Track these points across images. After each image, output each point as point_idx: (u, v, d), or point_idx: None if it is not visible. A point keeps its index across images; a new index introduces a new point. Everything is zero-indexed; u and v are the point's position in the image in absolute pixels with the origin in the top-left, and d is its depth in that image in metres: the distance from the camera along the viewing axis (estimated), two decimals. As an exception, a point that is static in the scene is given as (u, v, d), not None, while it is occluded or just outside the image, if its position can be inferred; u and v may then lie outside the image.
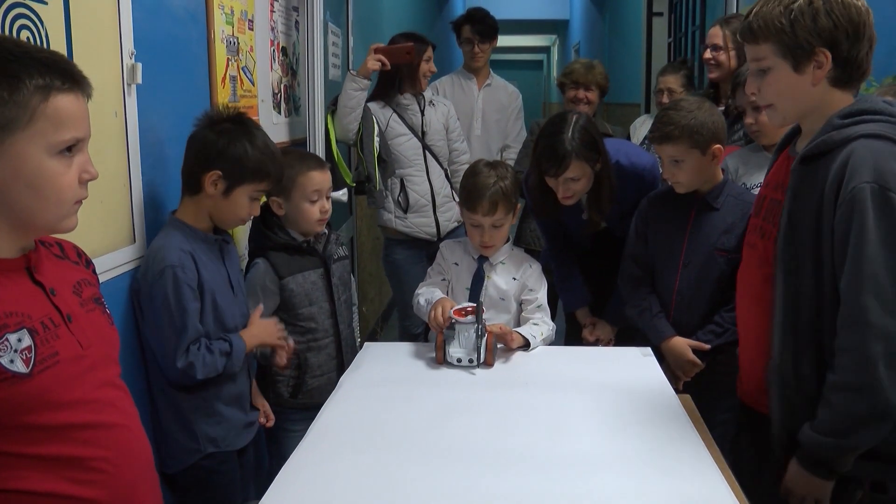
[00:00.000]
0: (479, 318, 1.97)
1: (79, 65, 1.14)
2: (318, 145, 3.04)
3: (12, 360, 1.05)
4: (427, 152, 3.25)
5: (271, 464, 2.08)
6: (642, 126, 3.60)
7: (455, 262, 2.33)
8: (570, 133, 2.23)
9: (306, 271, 2.17)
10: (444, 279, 2.31)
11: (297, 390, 2.18)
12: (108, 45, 1.65)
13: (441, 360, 2.01)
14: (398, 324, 3.73)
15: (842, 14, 1.42)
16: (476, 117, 3.91)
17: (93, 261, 1.36)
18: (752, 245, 1.71)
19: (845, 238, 1.37)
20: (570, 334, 3.08)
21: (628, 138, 3.58)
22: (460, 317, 2.02)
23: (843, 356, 1.38)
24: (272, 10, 2.70)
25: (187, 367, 1.71)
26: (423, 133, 3.25)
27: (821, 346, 1.45)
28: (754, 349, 1.69)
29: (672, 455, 1.51)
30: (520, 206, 2.37)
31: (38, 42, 1.38)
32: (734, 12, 3.40)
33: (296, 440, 2.12)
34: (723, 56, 2.88)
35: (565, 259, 2.68)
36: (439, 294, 2.21)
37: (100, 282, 1.38)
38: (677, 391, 1.93)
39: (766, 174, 1.74)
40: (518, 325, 2.26)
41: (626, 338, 2.50)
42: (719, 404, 2.04)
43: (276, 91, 2.75)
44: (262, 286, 2.10)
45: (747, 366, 1.75)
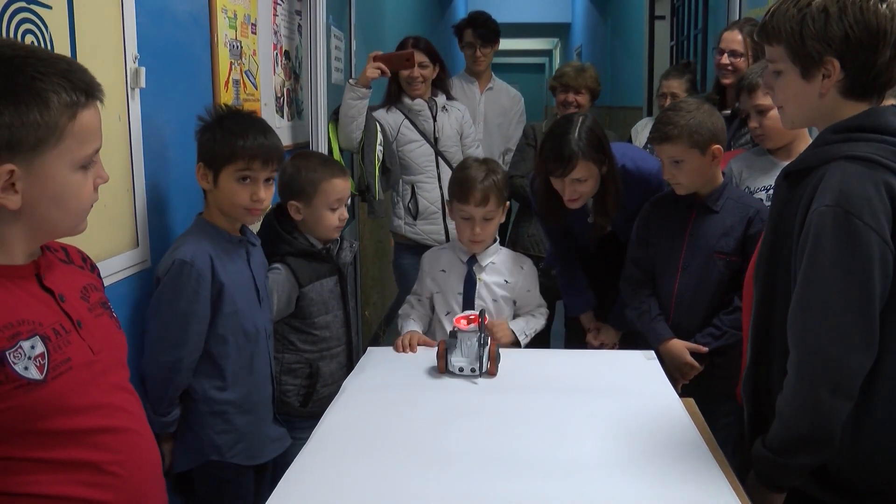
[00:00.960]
0: (481, 327, 1.95)
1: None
2: (321, 149, 3.05)
3: (27, 368, 1.06)
4: (440, 158, 3.22)
5: (277, 473, 2.07)
6: (644, 130, 3.59)
7: (442, 270, 2.35)
8: (576, 133, 2.23)
9: (324, 279, 2.15)
10: (426, 298, 2.37)
11: (308, 399, 2.16)
12: (112, 48, 1.65)
13: (443, 370, 1.97)
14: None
15: (857, 21, 1.31)
16: (478, 121, 3.90)
17: (97, 265, 1.37)
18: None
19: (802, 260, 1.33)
20: (570, 339, 3.07)
21: (629, 142, 3.58)
22: (462, 325, 1.98)
23: (789, 378, 1.36)
24: (275, 14, 2.70)
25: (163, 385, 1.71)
26: (436, 139, 3.22)
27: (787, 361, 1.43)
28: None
29: (676, 459, 1.51)
30: (508, 204, 2.44)
31: (42, 46, 1.38)
32: (747, 16, 3.35)
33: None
34: (741, 62, 2.80)
35: (569, 263, 2.67)
36: (409, 322, 2.32)
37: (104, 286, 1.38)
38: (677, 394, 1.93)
39: None
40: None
41: (630, 342, 2.49)
42: (720, 408, 2.04)
43: (279, 95, 2.75)
44: (279, 293, 2.06)
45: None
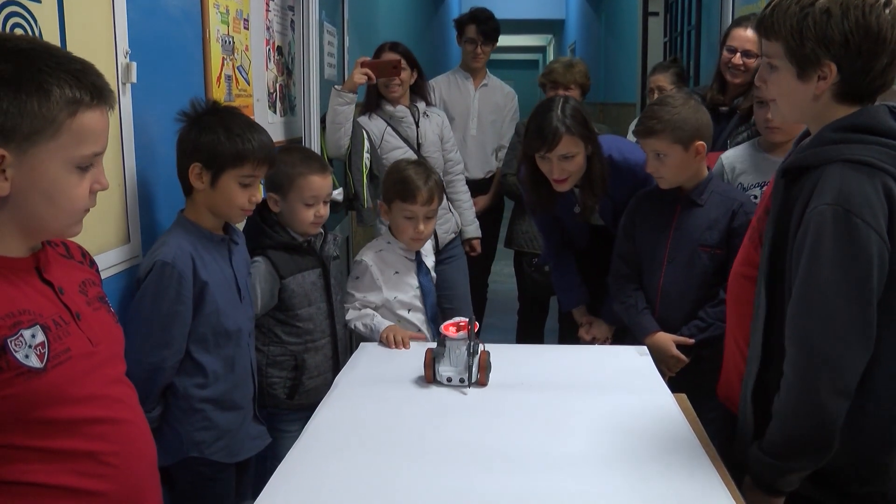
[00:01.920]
0: (471, 335, 1.87)
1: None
2: (314, 145, 3.03)
3: (27, 356, 1.07)
4: None
5: (267, 465, 2.07)
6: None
7: (395, 272, 2.37)
8: (559, 111, 2.25)
9: (306, 271, 2.17)
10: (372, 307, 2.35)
11: (294, 391, 2.17)
12: (103, 44, 1.64)
13: (430, 380, 1.87)
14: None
15: (859, 24, 1.29)
16: (472, 117, 3.90)
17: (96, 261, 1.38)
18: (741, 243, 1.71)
19: (799, 260, 1.32)
20: (564, 334, 3.08)
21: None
22: (451, 333, 1.89)
23: (787, 379, 1.35)
24: (267, 10, 2.69)
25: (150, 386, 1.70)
26: (419, 145, 3.21)
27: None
28: (733, 351, 1.68)
29: (668, 454, 1.51)
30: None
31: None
32: (749, 11, 3.31)
33: (292, 441, 2.11)
34: (753, 62, 2.72)
35: (563, 258, 2.68)
36: (377, 319, 2.29)
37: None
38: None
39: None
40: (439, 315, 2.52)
41: (623, 337, 2.50)
42: (707, 402, 2.04)
43: (271, 90, 2.75)
44: (261, 286, 2.08)
45: (730, 366, 1.73)
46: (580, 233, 2.61)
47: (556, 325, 3.57)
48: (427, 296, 2.42)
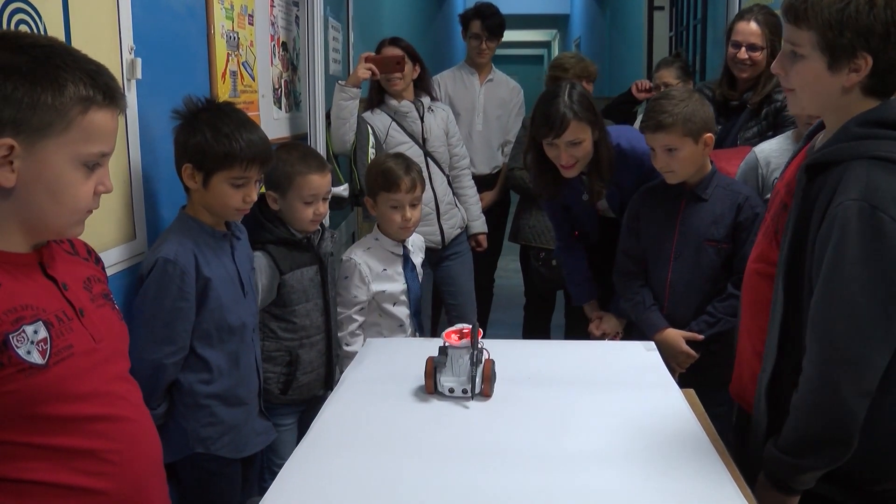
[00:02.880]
0: (474, 343, 1.73)
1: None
2: (319, 140, 3.03)
3: (29, 352, 1.07)
4: (429, 159, 3.19)
5: (262, 459, 2.08)
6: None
7: (384, 269, 2.40)
8: (566, 97, 2.27)
9: (304, 267, 2.17)
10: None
11: (288, 387, 2.18)
12: (108, 40, 1.64)
13: (431, 391, 1.75)
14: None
15: None
16: (478, 112, 3.89)
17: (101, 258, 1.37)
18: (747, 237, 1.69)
19: (823, 256, 1.30)
20: (570, 329, 3.08)
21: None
22: (453, 341, 1.76)
23: (807, 376, 1.33)
24: (272, 5, 2.69)
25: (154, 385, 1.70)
26: (424, 140, 3.20)
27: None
28: (747, 348, 1.66)
29: (677, 450, 1.50)
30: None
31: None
32: (755, 3, 3.27)
33: (286, 434, 2.10)
34: (759, 56, 2.69)
35: (574, 253, 2.69)
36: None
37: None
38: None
39: (785, 168, 1.65)
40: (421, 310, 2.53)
41: (630, 332, 2.49)
42: (714, 397, 2.03)
43: (276, 86, 2.74)
44: (262, 280, 2.08)
45: (743, 364, 1.71)
46: (591, 223, 2.61)
47: (563, 320, 3.57)
48: (412, 291, 2.47)
